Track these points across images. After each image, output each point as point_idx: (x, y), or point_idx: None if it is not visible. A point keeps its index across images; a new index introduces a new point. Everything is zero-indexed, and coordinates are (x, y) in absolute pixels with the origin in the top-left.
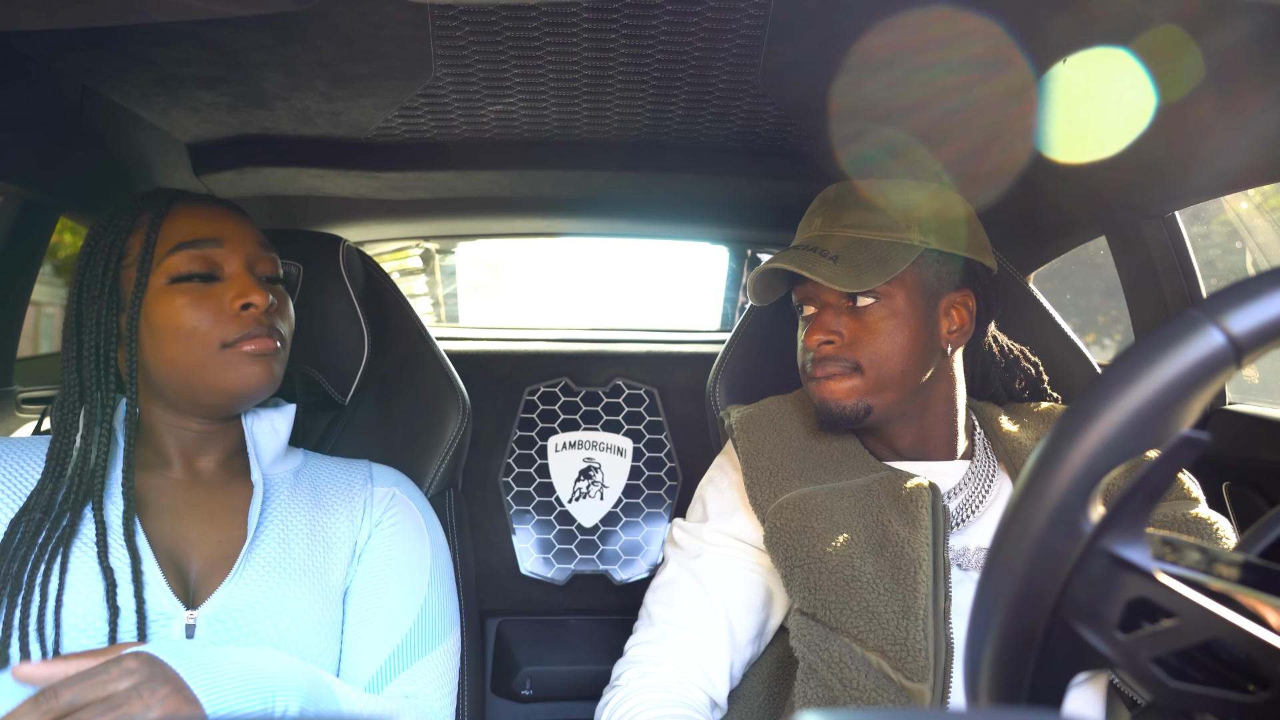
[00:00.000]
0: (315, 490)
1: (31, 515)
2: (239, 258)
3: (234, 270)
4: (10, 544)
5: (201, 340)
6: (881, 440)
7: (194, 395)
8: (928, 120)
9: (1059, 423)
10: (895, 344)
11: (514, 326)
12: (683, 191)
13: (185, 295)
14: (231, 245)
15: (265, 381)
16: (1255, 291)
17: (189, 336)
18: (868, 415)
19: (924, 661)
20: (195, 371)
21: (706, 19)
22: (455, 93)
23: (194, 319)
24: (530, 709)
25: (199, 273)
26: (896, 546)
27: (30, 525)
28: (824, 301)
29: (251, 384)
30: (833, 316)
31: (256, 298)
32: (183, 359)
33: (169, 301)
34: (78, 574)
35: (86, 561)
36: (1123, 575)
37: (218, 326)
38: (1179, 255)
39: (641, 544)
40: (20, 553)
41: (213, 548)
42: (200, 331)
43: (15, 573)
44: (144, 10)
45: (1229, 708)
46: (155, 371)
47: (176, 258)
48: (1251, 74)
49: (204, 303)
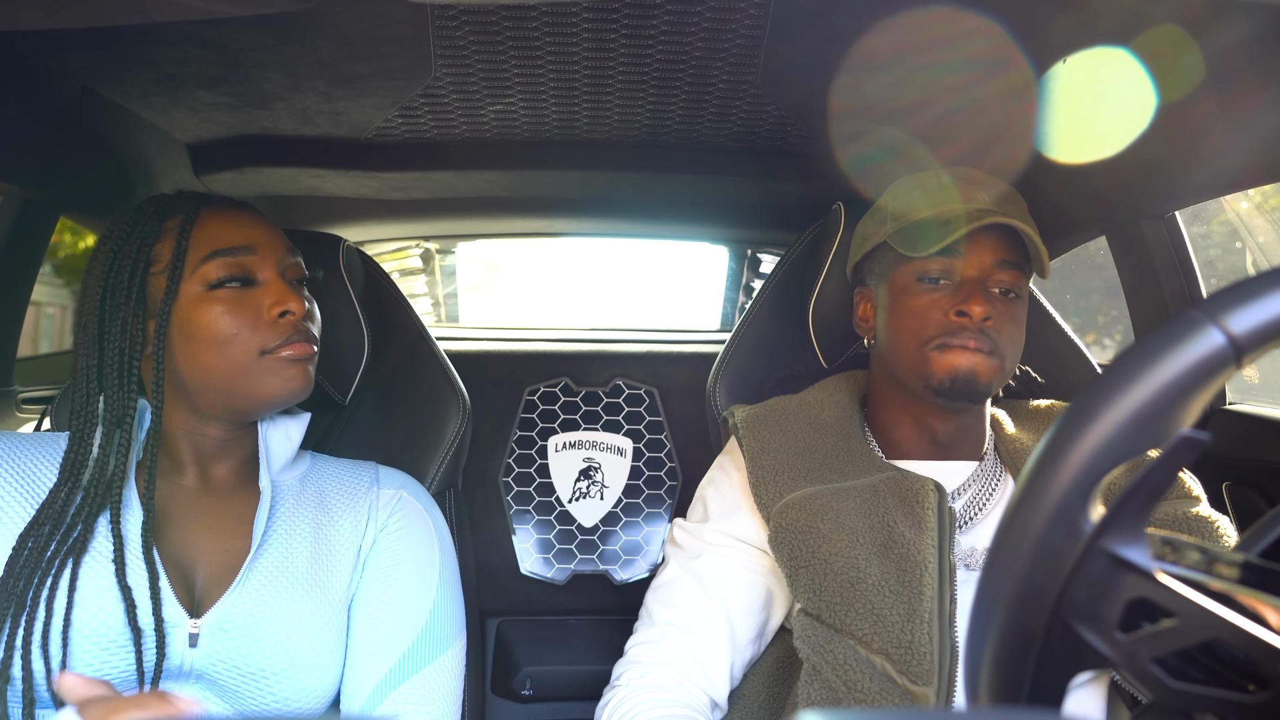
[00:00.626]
0: (321, 496)
1: (40, 529)
2: (271, 264)
3: (268, 276)
4: (18, 560)
5: (241, 347)
6: (922, 432)
7: (230, 402)
8: (928, 120)
9: (1059, 422)
10: (1021, 338)
11: (514, 326)
12: (683, 191)
13: (222, 303)
14: (264, 252)
15: (303, 385)
16: (1255, 291)
17: (228, 344)
18: (984, 397)
19: (929, 665)
20: (234, 379)
21: (706, 19)
22: (455, 93)
23: (233, 326)
24: (530, 709)
25: (235, 277)
26: (902, 548)
27: (39, 540)
28: (969, 275)
29: (291, 389)
30: (986, 292)
31: (294, 304)
32: (220, 366)
33: (206, 309)
34: (89, 590)
35: (99, 576)
36: (1123, 575)
37: (257, 334)
38: (1179, 255)
39: (641, 544)
40: (26, 571)
41: (218, 557)
42: (240, 339)
43: (21, 590)
44: (144, 10)
45: (1229, 708)
46: (188, 378)
47: (211, 265)
48: (1251, 74)
49: (242, 310)
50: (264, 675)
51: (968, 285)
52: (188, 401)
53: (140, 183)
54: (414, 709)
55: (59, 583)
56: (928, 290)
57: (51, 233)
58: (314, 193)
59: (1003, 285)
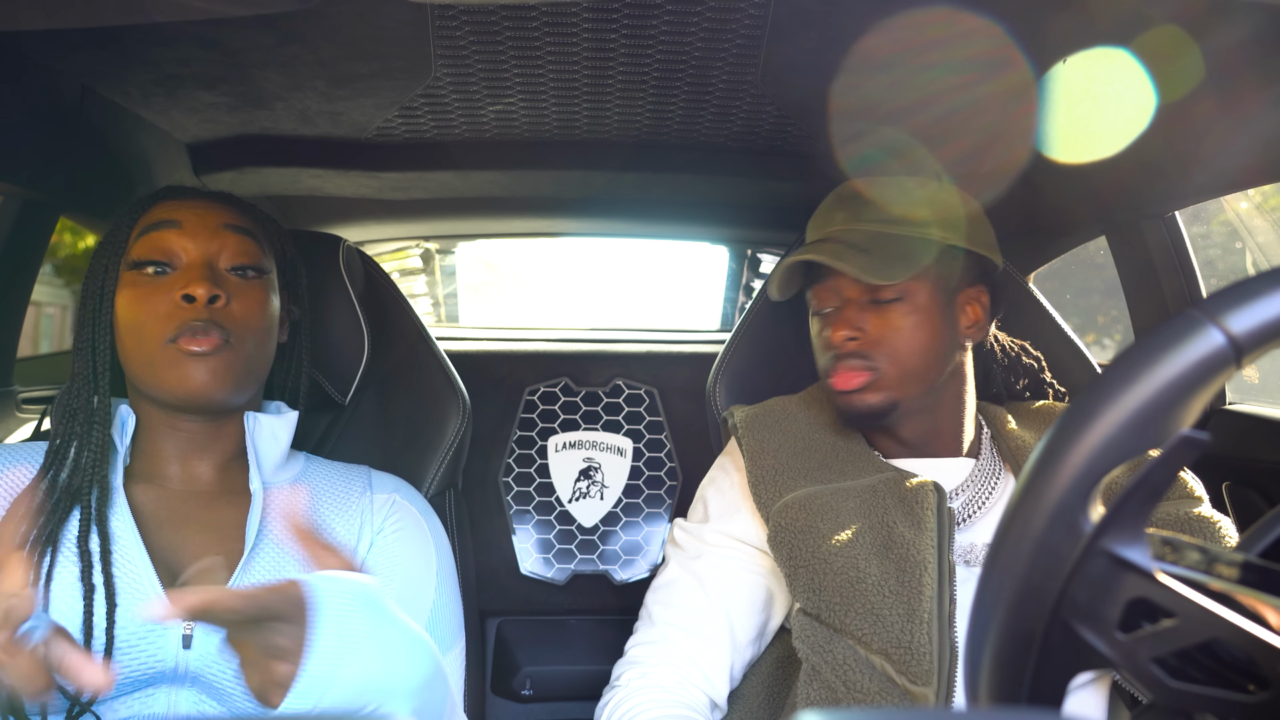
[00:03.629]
0: (314, 499)
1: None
2: (199, 244)
3: (190, 259)
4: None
5: (149, 335)
6: (889, 435)
7: (151, 394)
8: (928, 120)
9: (1059, 422)
10: (918, 340)
11: (514, 326)
12: (683, 191)
13: (137, 287)
14: (191, 228)
15: (208, 384)
16: (1255, 291)
17: (138, 329)
18: (892, 412)
19: (928, 665)
20: (145, 367)
21: (706, 19)
22: (455, 93)
23: (141, 312)
24: (530, 709)
25: (154, 260)
26: (902, 548)
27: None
28: (845, 298)
29: (192, 385)
30: (855, 312)
31: (198, 289)
32: (135, 352)
33: (124, 293)
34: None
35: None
36: (1123, 575)
37: (163, 320)
38: (1179, 255)
39: (641, 544)
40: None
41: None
42: (146, 325)
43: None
44: (144, 10)
45: (1229, 708)
46: (124, 367)
47: (137, 245)
48: (1251, 74)
49: (153, 295)
50: None
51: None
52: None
53: (140, 183)
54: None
55: (36, 577)
56: (818, 321)
57: (51, 233)
58: (314, 193)
59: (868, 296)
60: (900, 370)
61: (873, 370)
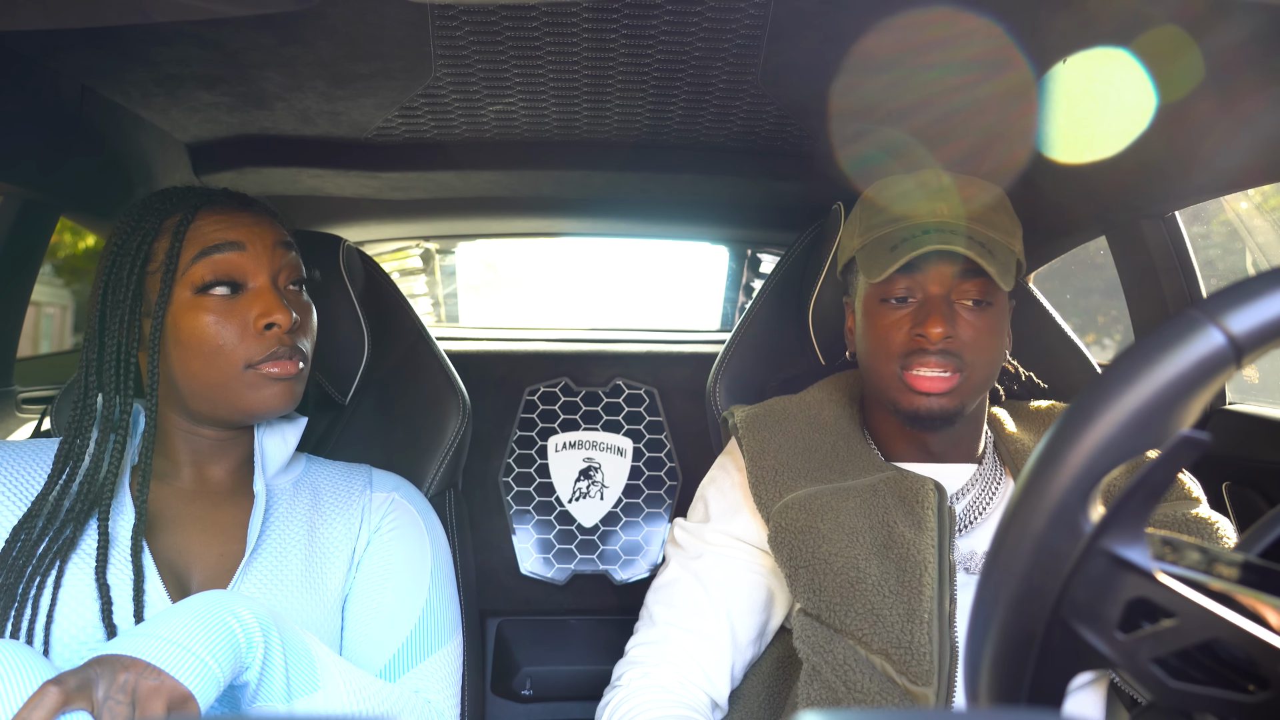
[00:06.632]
0: (315, 499)
1: (34, 523)
2: (263, 263)
3: (259, 283)
4: (9, 555)
5: (226, 359)
6: (916, 440)
7: (215, 410)
8: (928, 120)
9: (1059, 423)
10: (999, 347)
11: (514, 326)
12: (683, 191)
13: (210, 311)
14: (254, 248)
15: (286, 403)
16: (1255, 291)
17: (214, 354)
18: (959, 418)
19: (928, 665)
20: (217, 389)
21: (706, 19)
22: (455, 93)
23: (219, 336)
24: (530, 709)
25: (223, 280)
26: (902, 548)
27: (31, 535)
28: (932, 293)
29: (272, 406)
30: (947, 309)
31: (280, 316)
32: (206, 374)
33: (195, 316)
34: (74, 588)
35: (85, 575)
36: (1123, 575)
37: (242, 346)
38: (1179, 255)
39: (641, 544)
40: (19, 564)
41: (213, 561)
42: (225, 350)
43: (10, 584)
44: (144, 10)
45: (1229, 708)
46: (180, 382)
47: (199, 266)
48: (1251, 74)
49: (229, 319)
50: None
51: (928, 304)
52: (181, 404)
53: (140, 183)
54: (418, 698)
55: (45, 581)
56: (892, 310)
57: (51, 233)
58: (314, 193)
59: (969, 296)
60: (983, 376)
61: (961, 372)
